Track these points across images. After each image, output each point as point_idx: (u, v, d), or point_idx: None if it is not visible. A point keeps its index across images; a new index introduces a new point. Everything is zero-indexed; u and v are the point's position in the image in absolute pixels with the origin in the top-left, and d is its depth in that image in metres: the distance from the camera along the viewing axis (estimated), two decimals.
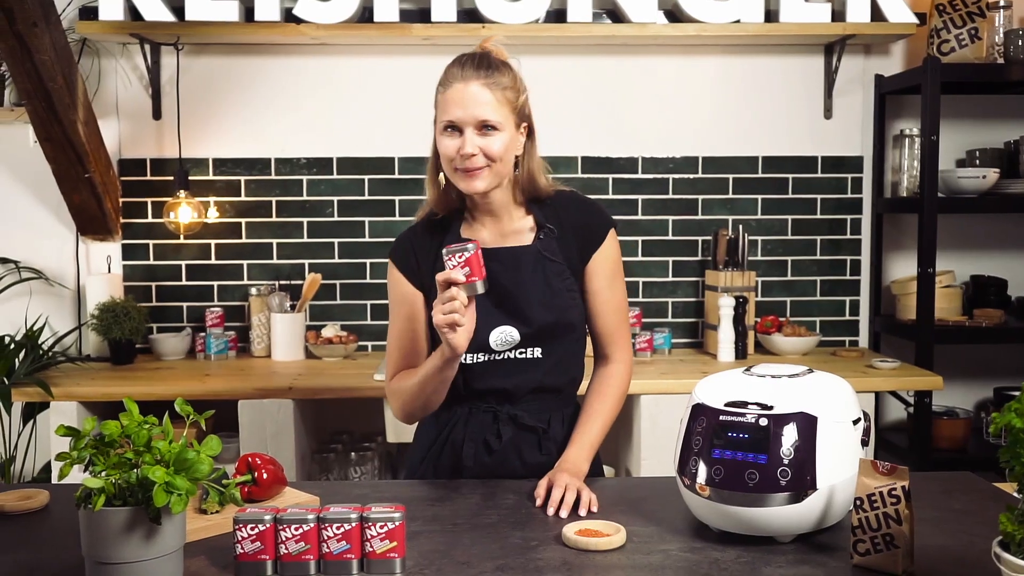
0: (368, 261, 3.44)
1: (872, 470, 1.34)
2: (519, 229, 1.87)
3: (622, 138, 3.45)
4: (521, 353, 1.83)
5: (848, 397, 1.48)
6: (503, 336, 1.81)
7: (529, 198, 1.87)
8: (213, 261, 3.44)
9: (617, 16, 3.28)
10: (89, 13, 3.23)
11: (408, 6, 3.27)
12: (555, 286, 1.84)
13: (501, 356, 1.82)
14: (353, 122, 3.42)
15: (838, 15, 3.24)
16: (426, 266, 1.86)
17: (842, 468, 1.41)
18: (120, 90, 3.38)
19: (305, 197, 3.43)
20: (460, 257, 1.63)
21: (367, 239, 3.44)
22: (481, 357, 1.82)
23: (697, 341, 3.51)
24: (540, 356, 1.83)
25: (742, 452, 1.41)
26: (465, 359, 1.81)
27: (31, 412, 3.18)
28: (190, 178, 3.33)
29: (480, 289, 1.64)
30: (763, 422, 1.41)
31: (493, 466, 1.84)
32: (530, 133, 1.85)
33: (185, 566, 1.32)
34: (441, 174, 1.84)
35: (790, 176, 3.48)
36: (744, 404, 1.44)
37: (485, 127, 1.74)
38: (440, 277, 1.64)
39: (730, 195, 3.47)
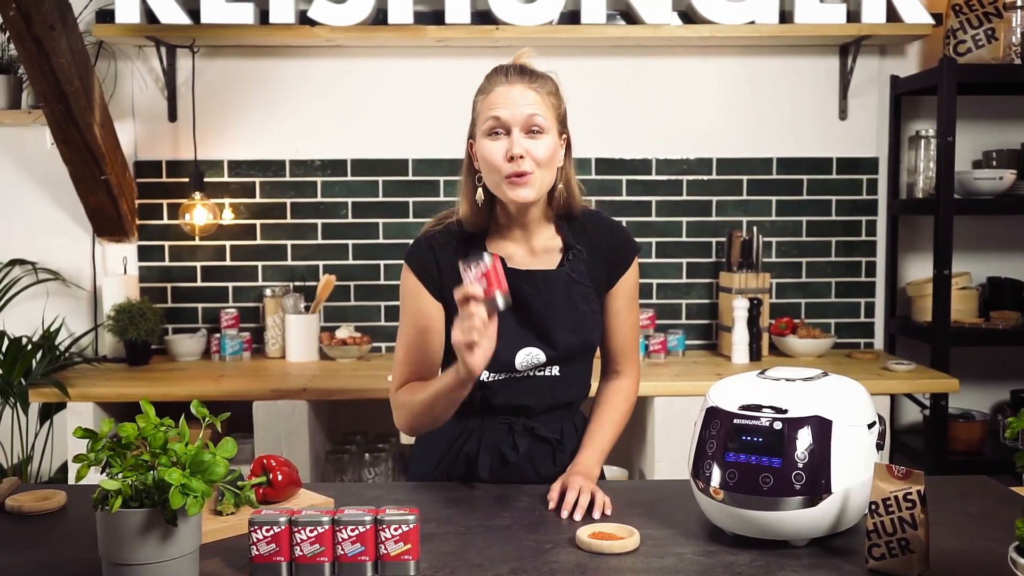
0: (382, 262, 3.45)
1: (887, 474, 1.33)
2: (548, 248, 1.83)
3: (636, 139, 3.44)
4: (540, 371, 1.82)
5: (863, 401, 1.48)
6: (528, 358, 1.79)
7: (561, 214, 1.84)
8: (228, 262, 3.45)
9: (631, 17, 3.27)
10: (105, 16, 3.25)
11: (422, 8, 3.28)
12: (581, 309, 1.82)
13: (521, 375, 1.81)
14: (367, 124, 3.43)
15: (853, 16, 3.23)
16: (449, 277, 1.78)
17: (857, 472, 1.40)
18: (136, 92, 3.40)
19: (319, 199, 3.44)
20: (477, 270, 1.54)
21: (381, 240, 3.44)
22: (502, 376, 1.81)
23: (711, 343, 3.50)
24: (558, 374, 1.83)
25: (756, 455, 1.40)
26: (487, 377, 1.78)
27: (48, 412, 3.20)
28: (205, 180, 3.35)
29: (500, 302, 1.54)
30: (777, 425, 1.40)
31: (507, 477, 1.83)
32: (568, 146, 1.82)
33: (201, 567, 1.32)
34: (479, 191, 1.78)
35: (805, 177, 3.47)
36: (758, 407, 1.44)
37: (532, 130, 1.71)
38: (458, 294, 1.56)
39: (744, 196, 3.47)
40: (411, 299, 1.83)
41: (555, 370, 1.83)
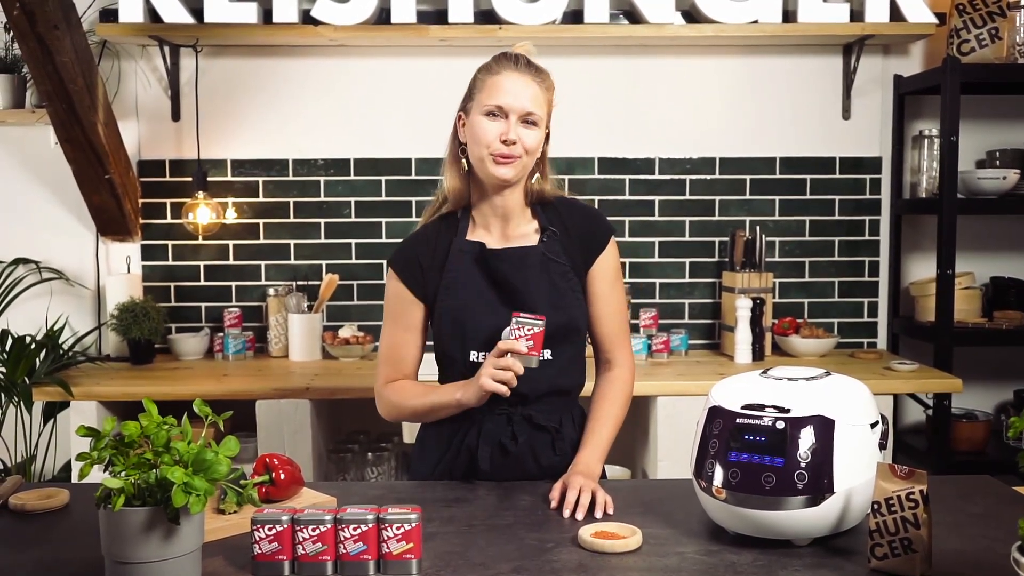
0: (385, 262, 3.44)
1: (890, 474, 1.33)
2: (523, 233, 1.90)
3: (639, 139, 3.44)
4: None
5: (865, 400, 1.48)
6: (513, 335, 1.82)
7: (536, 201, 1.91)
8: (231, 262, 3.46)
9: (634, 17, 3.27)
10: (109, 15, 3.25)
11: (425, 7, 3.28)
12: (561, 287, 1.87)
13: (512, 357, 1.83)
14: (370, 123, 3.43)
15: (857, 15, 3.22)
16: (431, 272, 1.88)
17: (859, 471, 1.40)
18: (139, 91, 3.41)
19: (322, 198, 3.44)
20: (528, 330, 1.69)
21: (384, 240, 3.45)
22: None
23: (714, 342, 3.50)
24: (550, 358, 1.85)
25: (759, 455, 1.40)
26: (476, 357, 1.84)
27: (51, 411, 3.20)
28: (208, 179, 3.35)
29: (535, 365, 1.71)
30: (780, 425, 1.40)
31: (509, 468, 1.84)
32: (547, 138, 1.90)
33: (203, 566, 1.33)
34: (463, 160, 1.86)
35: (808, 177, 3.47)
36: (761, 407, 1.44)
37: (528, 121, 1.80)
38: (504, 345, 1.71)
39: (747, 196, 3.46)
40: (394, 301, 1.92)
41: (547, 353, 1.84)
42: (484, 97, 1.81)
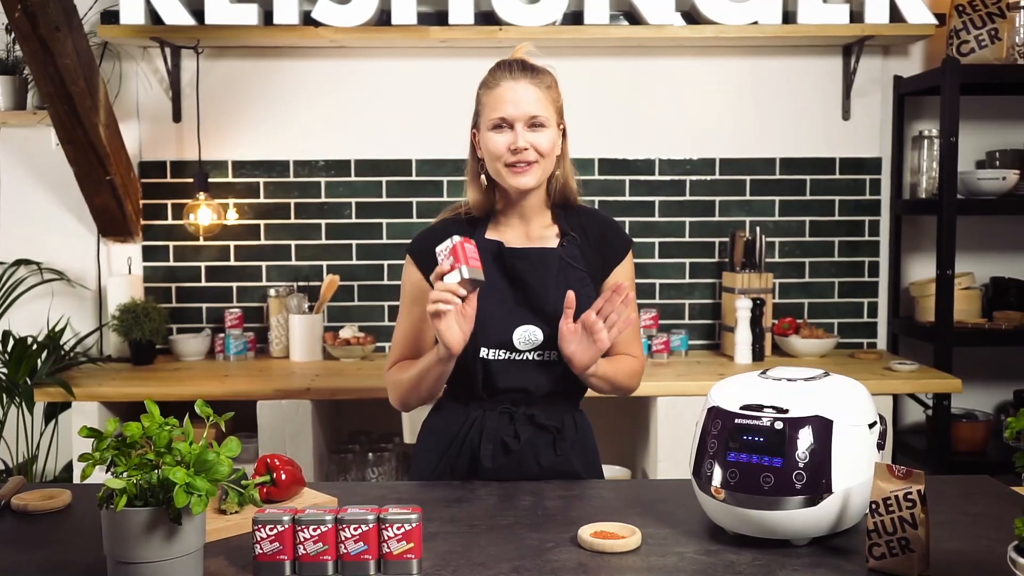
0: (385, 263, 3.45)
1: (888, 474, 1.34)
2: (544, 235, 1.92)
3: (639, 140, 3.45)
4: (539, 355, 1.86)
5: (864, 401, 1.48)
6: (527, 335, 1.84)
7: (558, 202, 1.93)
8: (232, 263, 3.46)
9: (634, 18, 3.28)
10: (110, 17, 3.26)
11: (425, 9, 3.28)
12: (577, 291, 1.86)
13: (521, 356, 1.85)
14: (371, 124, 3.43)
15: (856, 16, 3.23)
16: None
17: (858, 472, 1.41)
18: (141, 93, 3.41)
19: (323, 199, 3.45)
20: (446, 249, 1.69)
21: (384, 241, 3.45)
22: (503, 355, 1.85)
23: (714, 343, 3.51)
24: (557, 359, 1.86)
25: (757, 455, 1.41)
26: (486, 354, 1.84)
27: (53, 412, 3.21)
28: (210, 180, 3.36)
29: (465, 274, 1.67)
30: (778, 425, 1.41)
31: (510, 467, 1.85)
32: (564, 133, 1.91)
33: (205, 566, 1.33)
34: (483, 175, 1.89)
35: (808, 178, 3.47)
36: (760, 407, 1.44)
37: (534, 124, 1.82)
38: (432, 276, 1.72)
39: (747, 197, 3.47)
40: (409, 288, 1.94)
41: (555, 355, 1.85)
42: (488, 113, 1.84)
